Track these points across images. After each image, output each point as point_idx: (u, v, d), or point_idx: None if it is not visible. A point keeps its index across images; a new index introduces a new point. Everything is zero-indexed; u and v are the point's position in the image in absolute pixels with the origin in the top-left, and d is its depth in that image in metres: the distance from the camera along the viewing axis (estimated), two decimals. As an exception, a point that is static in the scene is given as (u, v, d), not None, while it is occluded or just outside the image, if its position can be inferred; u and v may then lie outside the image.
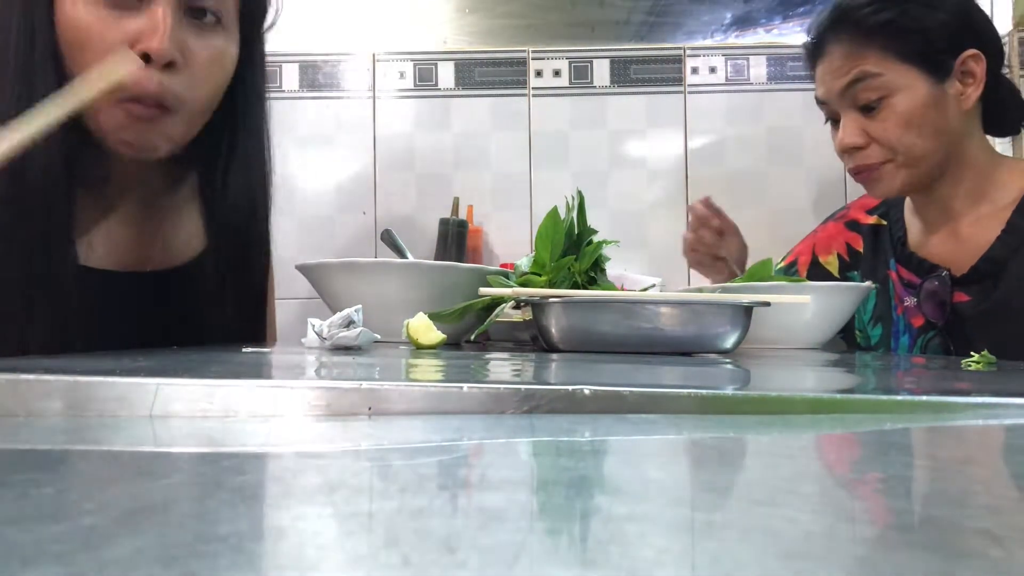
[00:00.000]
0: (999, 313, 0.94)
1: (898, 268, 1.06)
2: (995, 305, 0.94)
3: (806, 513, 0.18)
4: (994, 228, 0.96)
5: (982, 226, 0.97)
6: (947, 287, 0.99)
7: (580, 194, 0.83)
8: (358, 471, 0.23)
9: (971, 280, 0.97)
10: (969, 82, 0.94)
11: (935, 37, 0.94)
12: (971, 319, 0.97)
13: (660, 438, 0.29)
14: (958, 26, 0.94)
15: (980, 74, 0.94)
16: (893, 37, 0.93)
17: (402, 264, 0.81)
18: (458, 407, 0.33)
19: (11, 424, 0.32)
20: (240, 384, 0.34)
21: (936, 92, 0.94)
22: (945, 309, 0.99)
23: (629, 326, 0.67)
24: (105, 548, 0.14)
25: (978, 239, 0.97)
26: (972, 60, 0.94)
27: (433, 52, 1.45)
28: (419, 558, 0.14)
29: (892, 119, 0.94)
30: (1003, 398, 0.34)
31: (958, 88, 0.94)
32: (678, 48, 1.44)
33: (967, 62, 0.94)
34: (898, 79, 0.94)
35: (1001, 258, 0.94)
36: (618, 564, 0.13)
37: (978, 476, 0.23)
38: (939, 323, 1.00)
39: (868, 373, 0.56)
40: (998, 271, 0.95)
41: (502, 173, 1.45)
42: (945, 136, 0.95)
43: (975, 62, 0.94)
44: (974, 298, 0.97)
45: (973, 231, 0.98)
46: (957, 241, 1.00)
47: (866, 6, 0.95)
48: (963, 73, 0.94)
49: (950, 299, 0.99)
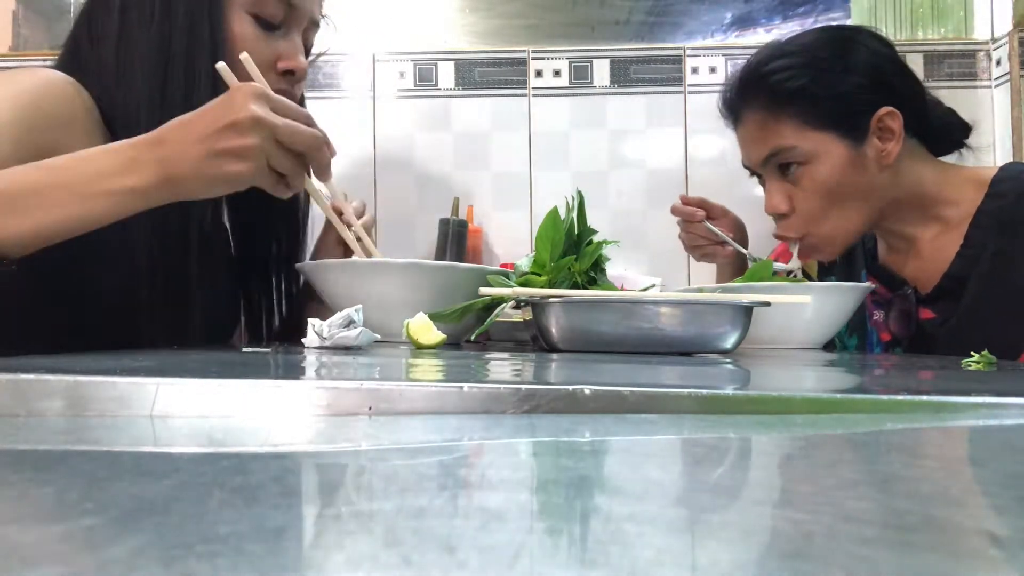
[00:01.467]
0: (961, 330, 0.93)
1: (869, 279, 1.05)
2: (957, 322, 0.94)
3: (806, 513, 0.18)
4: (952, 245, 0.95)
5: (941, 244, 0.96)
6: (912, 304, 0.99)
7: (580, 194, 0.83)
8: (358, 471, 0.23)
9: (935, 298, 0.97)
10: (888, 138, 0.93)
11: (849, 101, 0.92)
12: (935, 337, 0.97)
13: (660, 438, 0.29)
14: (871, 86, 0.93)
15: (898, 130, 0.92)
16: (807, 104, 0.92)
17: (402, 264, 0.81)
18: (458, 407, 0.33)
19: (11, 424, 0.32)
20: (240, 384, 0.34)
21: (855, 155, 0.93)
22: (911, 326, 0.99)
23: (629, 326, 0.67)
24: (105, 548, 0.14)
25: (939, 256, 0.96)
26: (888, 118, 0.92)
27: (433, 52, 1.45)
28: (419, 558, 0.14)
29: (813, 188, 0.94)
30: (1003, 398, 0.34)
31: (877, 146, 0.93)
32: (678, 48, 1.44)
33: (883, 119, 0.92)
34: (815, 147, 0.93)
35: (962, 274, 0.94)
36: (618, 564, 0.13)
37: (978, 476, 0.23)
38: (904, 339, 1.00)
39: (868, 373, 0.56)
40: (959, 288, 0.94)
41: (502, 173, 1.45)
42: (873, 196, 0.94)
43: (891, 119, 0.92)
44: (938, 315, 0.97)
45: (932, 250, 0.97)
46: (919, 261, 0.99)
47: (778, 72, 0.94)
48: (881, 131, 0.93)
49: (916, 316, 0.99)
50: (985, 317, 0.92)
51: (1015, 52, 1.35)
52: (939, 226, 0.97)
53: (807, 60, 0.93)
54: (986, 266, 0.92)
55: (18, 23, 1.54)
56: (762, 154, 0.96)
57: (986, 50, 1.40)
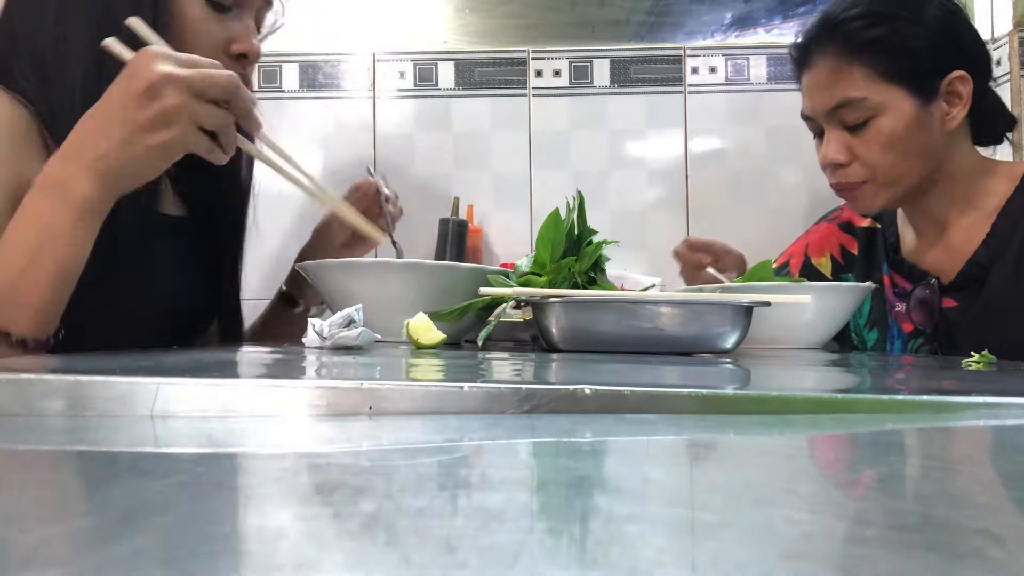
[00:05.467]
0: (984, 318, 0.94)
1: (891, 273, 1.06)
2: (980, 310, 0.95)
3: (806, 513, 0.18)
4: (980, 234, 0.96)
5: (969, 233, 0.97)
6: (936, 294, 0.99)
7: (580, 194, 0.83)
8: (358, 471, 0.23)
9: (958, 286, 0.97)
10: (955, 103, 0.93)
11: (923, 58, 0.93)
12: (958, 325, 0.97)
13: (660, 438, 0.29)
14: (946, 47, 0.93)
15: (966, 96, 0.93)
16: (881, 55, 0.92)
17: (402, 264, 0.81)
18: (458, 407, 0.33)
19: (11, 424, 0.32)
20: (240, 384, 0.34)
21: (922, 113, 0.93)
22: (933, 316, 1.00)
23: (629, 326, 0.67)
24: (105, 548, 0.14)
25: (965, 246, 0.97)
26: (959, 82, 0.93)
27: (433, 52, 1.45)
28: (419, 558, 0.14)
29: (877, 139, 0.94)
30: (1003, 398, 0.34)
31: (944, 109, 0.93)
32: (678, 48, 1.44)
33: (954, 83, 0.93)
34: (884, 100, 0.93)
35: (986, 263, 0.94)
36: (618, 564, 0.13)
37: (978, 476, 0.23)
38: (927, 329, 1.01)
39: (868, 373, 0.56)
40: (983, 276, 0.95)
41: (502, 173, 1.45)
42: (929, 156, 0.95)
43: (962, 84, 0.93)
44: (961, 304, 0.97)
45: (961, 238, 0.98)
46: (946, 249, 1.00)
47: (856, 19, 0.94)
48: (949, 94, 0.93)
49: (939, 306, 0.99)
50: (1008, 306, 0.93)
51: (1015, 52, 1.35)
52: (970, 214, 0.98)
53: (885, 11, 0.93)
54: (1011, 256, 0.93)
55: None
56: (831, 102, 0.95)
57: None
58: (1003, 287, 0.93)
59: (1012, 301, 0.92)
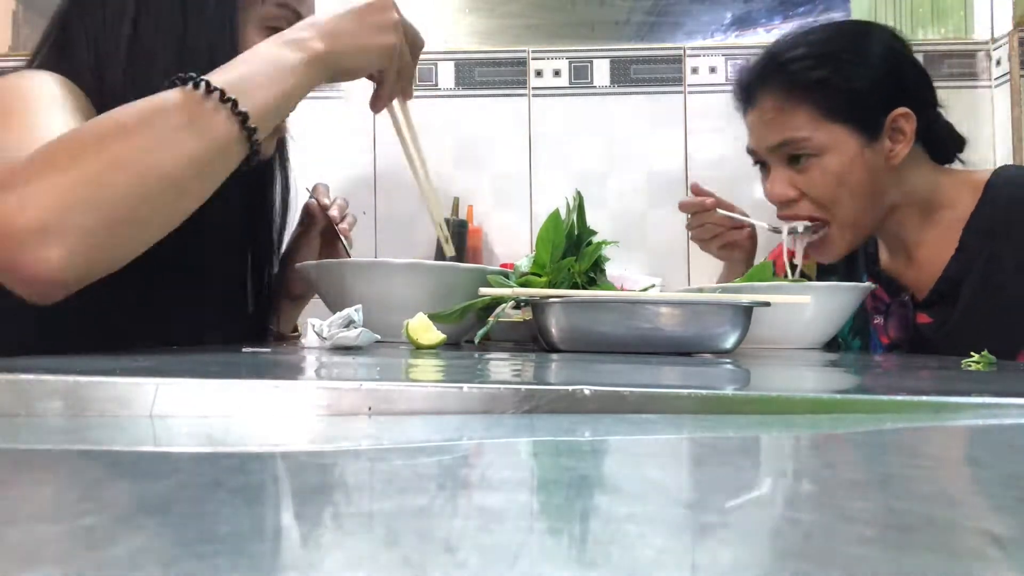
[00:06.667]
0: (957, 334, 0.94)
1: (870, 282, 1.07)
2: (954, 326, 0.95)
3: (806, 513, 0.18)
4: (949, 248, 0.95)
5: (938, 247, 0.97)
6: (909, 310, 1.00)
7: (579, 195, 0.83)
8: (358, 471, 0.23)
9: (931, 303, 0.98)
10: (899, 139, 0.94)
11: (867, 97, 0.93)
12: (932, 340, 0.98)
13: (660, 438, 0.29)
14: (889, 85, 0.93)
15: (909, 133, 0.93)
16: (825, 95, 0.92)
17: (402, 264, 0.81)
18: (458, 407, 0.33)
19: (11, 424, 0.32)
20: (240, 384, 0.34)
21: (867, 151, 0.93)
22: (908, 331, 1.00)
23: (629, 326, 0.67)
24: (105, 548, 0.14)
25: (935, 261, 0.97)
26: (903, 119, 0.93)
27: (433, 52, 1.45)
28: (419, 558, 0.14)
29: (822, 178, 0.94)
30: (1003, 398, 0.34)
31: (888, 146, 0.94)
32: (678, 48, 1.44)
33: (898, 120, 0.93)
34: (828, 139, 0.93)
35: (956, 278, 0.94)
36: (618, 564, 0.13)
37: (978, 476, 0.23)
38: (903, 344, 1.01)
39: (868, 373, 0.56)
40: (955, 292, 0.95)
41: (502, 173, 1.45)
42: (877, 193, 0.95)
43: (905, 121, 0.93)
44: (935, 320, 0.98)
45: (930, 253, 0.98)
46: (917, 266, 1.00)
47: (800, 60, 0.94)
48: (893, 131, 0.94)
49: (913, 321, 0.99)
50: (980, 321, 0.92)
51: (1015, 52, 1.35)
52: (936, 230, 0.97)
53: (830, 52, 0.94)
54: (980, 271, 0.93)
55: (18, 23, 1.54)
56: (774, 140, 0.96)
57: (986, 50, 1.40)
58: (974, 302, 0.93)
59: (983, 316, 0.92)
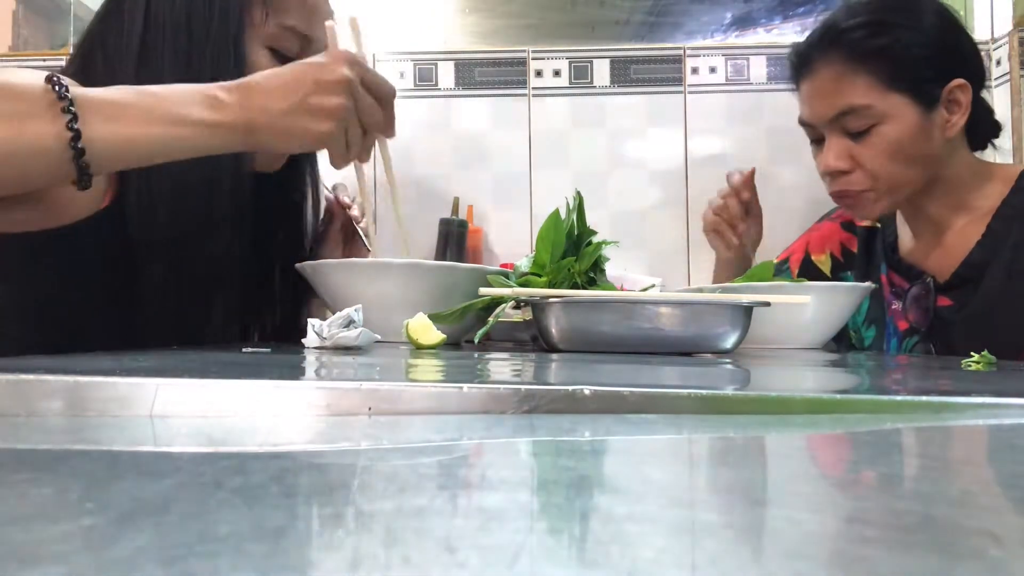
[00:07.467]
0: (978, 317, 0.95)
1: (889, 272, 1.07)
2: (975, 309, 0.96)
3: (806, 513, 0.18)
4: (976, 235, 0.97)
5: (965, 234, 0.98)
6: (931, 293, 1.00)
7: (579, 195, 0.83)
8: (358, 471, 0.23)
9: (953, 286, 0.98)
10: (956, 110, 0.95)
11: (926, 66, 0.94)
12: (953, 324, 0.98)
13: (660, 438, 0.29)
14: (947, 55, 0.95)
15: (966, 103, 0.94)
16: (886, 64, 0.93)
17: (402, 264, 0.81)
18: (458, 407, 0.33)
19: (11, 424, 0.32)
20: (240, 384, 0.34)
21: (924, 121, 0.94)
22: (928, 314, 1.00)
23: (629, 326, 0.67)
24: (105, 548, 0.14)
25: (961, 247, 0.98)
26: (959, 90, 0.94)
27: (433, 52, 1.45)
28: (419, 558, 0.14)
29: (880, 147, 0.94)
30: (1003, 398, 0.34)
31: (944, 116, 0.95)
32: (678, 48, 1.44)
33: (954, 91, 0.94)
34: (888, 108, 0.93)
35: (980, 263, 0.96)
36: (618, 564, 0.13)
37: (978, 476, 0.23)
38: (922, 327, 1.01)
39: (867, 373, 0.56)
40: (978, 276, 0.96)
41: (502, 173, 1.45)
42: (930, 163, 0.96)
43: (962, 92, 0.94)
44: (956, 303, 0.98)
45: (957, 239, 0.99)
46: (942, 249, 1.01)
47: (860, 28, 0.94)
48: (950, 102, 0.95)
49: (933, 304, 1.00)
50: (1001, 306, 0.93)
51: (1015, 52, 1.35)
52: (967, 215, 0.99)
53: (890, 20, 0.94)
54: (1005, 256, 0.94)
55: (18, 23, 1.54)
56: (833, 110, 0.96)
57: (986, 50, 1.40)
58: (997, 287, 0.94)
59: (1005, 301, 0.93)
